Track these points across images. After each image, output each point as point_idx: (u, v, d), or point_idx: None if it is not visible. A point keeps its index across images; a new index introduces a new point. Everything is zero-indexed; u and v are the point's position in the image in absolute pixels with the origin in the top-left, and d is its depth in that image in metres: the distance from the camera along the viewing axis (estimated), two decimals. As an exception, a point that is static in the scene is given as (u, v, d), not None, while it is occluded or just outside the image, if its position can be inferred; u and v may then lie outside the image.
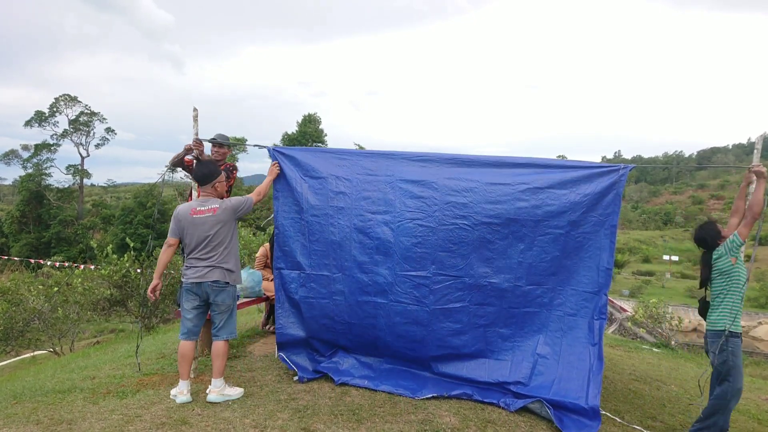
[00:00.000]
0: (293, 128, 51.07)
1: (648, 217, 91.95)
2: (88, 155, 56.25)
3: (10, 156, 54.01)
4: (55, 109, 53.62)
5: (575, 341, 4.17)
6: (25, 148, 53.38)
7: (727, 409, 3.69)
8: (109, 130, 57.46)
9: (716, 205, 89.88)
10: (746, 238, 3.80)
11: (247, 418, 3.65)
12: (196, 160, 4.58)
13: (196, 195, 4.64)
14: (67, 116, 54.23)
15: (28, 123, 52.83)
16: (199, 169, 4.21)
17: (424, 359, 4.51)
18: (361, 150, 5.60)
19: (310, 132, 49.70)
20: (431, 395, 4.22)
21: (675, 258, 56.15)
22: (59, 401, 4.01)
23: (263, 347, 5.68)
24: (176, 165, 4.69)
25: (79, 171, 54.83)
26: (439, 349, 4.44)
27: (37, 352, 12.14)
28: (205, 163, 4.30)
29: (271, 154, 4.77)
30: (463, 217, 4.32)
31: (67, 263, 20.30)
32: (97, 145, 57.06)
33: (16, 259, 35.09)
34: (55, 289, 11.78)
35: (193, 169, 4.48)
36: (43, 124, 53.10)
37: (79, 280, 11.40)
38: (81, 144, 55.69)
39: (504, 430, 3.75)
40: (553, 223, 4.19)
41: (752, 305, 40.63)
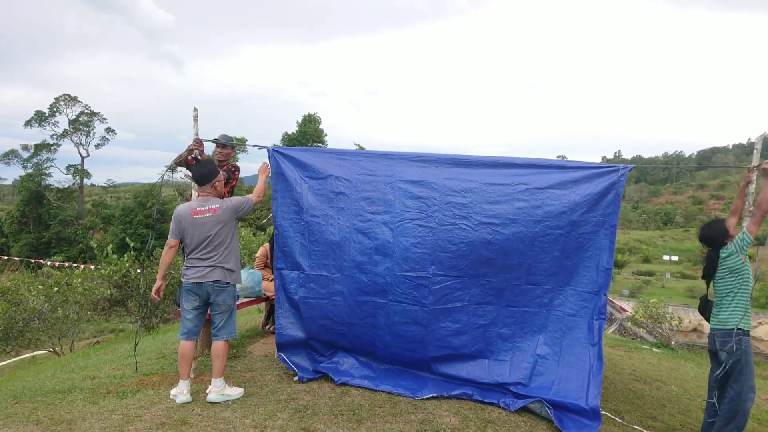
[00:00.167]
0: (293, 128, 51.15)
1: (648, 217, 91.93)
2: (88, 155, 56.34)
3: (10, 156, 54.07)
4: (55, 109, 53.65)
5: (575, 341, 4.17)
6: (25, 148, 53.43)
7: (744, 410, 3.60)
8: (109, 130, 57.56)
9: (716, 205, 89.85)
10: (755, 236, 3.79)
11: (247, 418, 3.65)
12: (195, 161, 4.57)
13: (196, 195, 4.63)
14: (67, 116, 54.31)
15: (28, 123, 52.87)
16: (198, 169, 4.20)
17: (424, 360, 4.50)
18: (361, 150, 5.61)
19: (310, 132, 49.71)
20: (431, 395, 4.23)
21: (675, 258, 56.15)
22: (59, 401, 4.01)
23: (263, 347, 5.68)
24: (179, 165, 4.69)
25: (79, 171, 54.85)
26: (438, 350, 4.44)
27: (37, 352, 12.13)
28: (204, 163, 4.28)
29: (270, 155, 4.77)
30: (462, 217, 4.32)
31: (67, 263, 20.31)
32: (97, 145, 57.16)
33: (16, 259, 35.08)
34: (55, 289, 11.79)
35: (192, 169, 4.48)
36: (43, 124, 53.13)
37: (79, 280, 11.41)
38: (81, 144, 55.76)
39: (504, 430, 3.75)
40: (553, 223, 4.19)
41: (752, 305, 40.50)
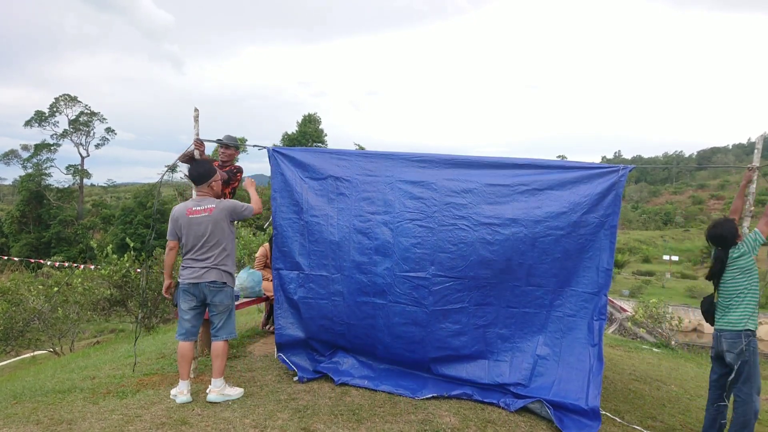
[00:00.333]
0: (293, 128, 51.09)
1: (648, 217, 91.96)
2: (88, 155, 56.34)
3: (10, 156, 54.09)
4: (55, 109, 53.65)
5: (575, 342, 4.16)
6: (25, 148, 53.44)
7: (755, 412, 3.62)
8: (109, 130, 57.56)
9: (716, 205, 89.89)
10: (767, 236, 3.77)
11: (247, 418, 3.65)
12: (192, 160, 4.56)
13: (195, 195, 4.63)
14: (67, 116, 54.31)
15: (28, 123, 52.86)
16: (194, 169, 4.16)
17: (424, 360, 4.50)
18: (361, 151, 5.60)
19: (310, 132, 49.69)
20: (431, 395, 4.23)
21: (675, 258, 56.19)
22: (59, 401, 4.01)
23: (263, 347, 5.68)
24: (186, 162, 4.66)
25: (79, 171, 54.85)
26: (438, 351, 4.43)
27: (37, 352, 12.14)
28: (201, 163, 4.25)
29: (270, 155, 4.77)
30: (462, 218, 4.32)
31: (67, 263, 20.32)
32: (97, 145, 57.17)
33: (16, 259, 35.09)
34: (55, 289, 11.79)
35: (189, 169, 4.47)
36: (43, 124, 53.13)
37: (79, 280, 11.41)
38: (81, 144, 55.77)
39: (504, 430, 3.75)
40: (553, 224, 4.18)
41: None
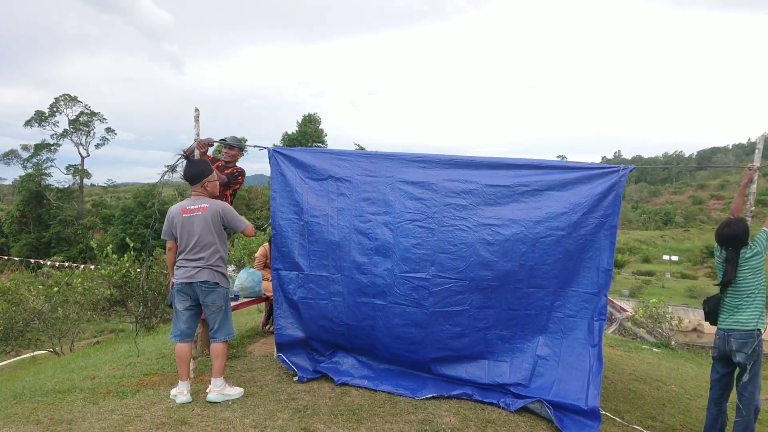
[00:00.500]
0: (293, 128, 51.11)
1: (648, 217, 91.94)
2: (88, 155, 56.36)
3: (10, 156, 54.10)
4: (55, 109, 53.66)
5: (575, 342, 4.16)
6: (25, 148, 53.45)
7: (758, 409, 3.66)
8: (109, 130, 57.59)
9: (716, 205, 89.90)
10: None
11: (247, 418, 3.65)
12: (187, 159, 4.54)
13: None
14: (67, 116, 54.33)
15: (28, 123, 52.88)
16: (188, 169, 4.13)
17: (424, 361, 4.50)
18: (361, 151, 5.60)
19: (310, 132, 49.69)
20: (431, 395, 4.23)
21: (675, 258, 56.18)
22: (59, 401, 4.01)
23: (263, 347, 5.69)
24: (185, 158, 4.64)
25: (79, 171, 54.86)
26: (438, 351, 4.43)
27: (37, 352, 12.14)
28: (195, 163, 4.22)
29: (270, 155, 4.77)
30: (462, 218, 4.32)
31: (67, 263, 20.32)
32: (97, 145, 57.19)
33: (16, 259, 35.10)
34: (55, 289, 11.79)
35: (184, 168, 4.44)
36: (43, 124, 53.15)
37: (79, 280, 11.41)
38: (81, 144, 55.78)
39: (504, 430, 3.75)
40: (554, 224, 4.18)
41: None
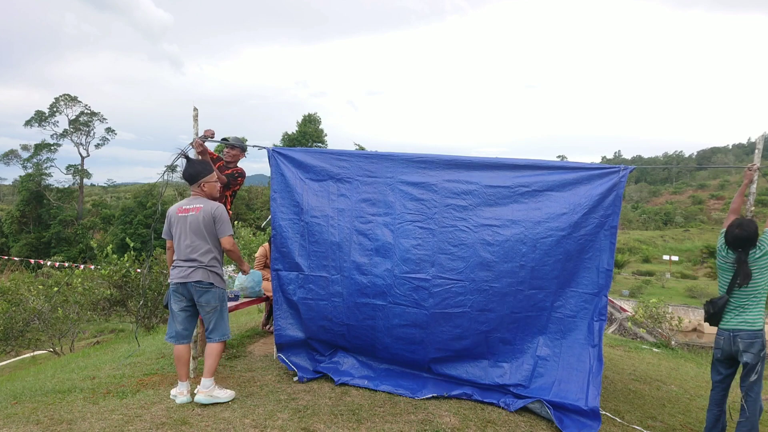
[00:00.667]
0: (293, 128, 51.12)
1: (648, 217, 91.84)
2: (88, 155, 56.40)
3: (10, 156, 54.11)
4: (55, 109, 53.69)
5: (575, 343, 4.16)
6: (25, 148, 53.47)
7: (761, 407, 3.67)
8: (109, 130, 57.68)
9: (716, 205, 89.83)
10: None
11: (247, 418, 3.65)
12: (186, 159, 4.54)
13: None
14: (67, 116, 54.38)
15: (28, 123, 52.91)
16: (187, 169, 4.12)
17: (424, 361, 4.50)
18: (362, 151, 5.59)
19: (310, 132, 49.70)
20: (431, 395, 4.23)
21: (675, 258, 56.13)
22: (59, 401, 4.00)
23: (263, 347, 5.69)
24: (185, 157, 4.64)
25: (79, 171, 54.90)
26: (438, 352, 4.43)
27: (37, 352, 12.13)
28: (194, 163, 4.20)
29: (270, 155, 4.77)
30: (462, 219, 4.32)
31: (67, 263, 20.33)
32: (97, 145, 57.26)
33: (16, 259, 35.10)
34: (55, 289, 11.80)
35: (183, 169, 4.43)
36: (43, 124, 53.19)
37: (79, 280, 11.42)
38: (81, 144, 55.83)
39: (504, 430, 3.75)
40: (554, 224, 4.18)
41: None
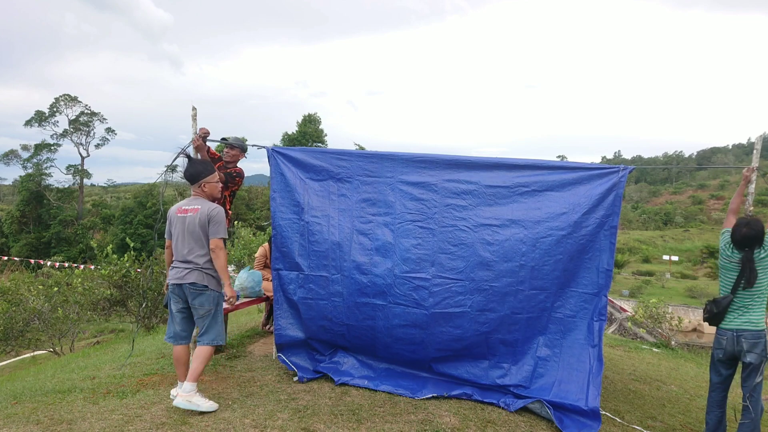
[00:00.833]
0: (293, 128, 51.12)
1: (648, 217, 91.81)
2: (88, 155, 56.42)
3: (10, 156, 54.14)
4: (55, 109, 53.71)
5: (575, 343, 4.16)
6: (25, 148, 53.50)
7: (762, 408, 3.67)
8: (109, 130, 57.71)
9: (716, 205, 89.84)
10: None
11: (247, 418, 3.65)
12: (187, 158, 4.54)
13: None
14: (67, 116, 54.40)
15: (28, 123, 52.93)
16: (188, 168, 4.08)
17: (424, 361, 4.50)
18: (362, 151, 5.59)
19: (310, 132, 49.70)
20: (431, 395, 4.23)
21: (675, 258, 56.12)
22: (59, 401, 4.00)
23: (263, 347, 5.69)
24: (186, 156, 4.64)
25: (79, 171, 54.92)
26: (438, 352, 4.43)
27: (37, 352, 12.13)
28: (195, 162, 4.16)
29: (270, 154, 4.77)
30: (462, 218, 4.32)
31: (67, 263, 20.32)
32: (97, 145, 57.29)
33: (16, 259, 35.09)
34: (55, 289, 11.80)
35: (184, 168, 4.42)
36: (43, 124, 53.21)
37: (79, 280, 11.42)
38: (81, 144, 55.84)
39: (504, 430, 3.75)
40: (554, 224, 4.18)
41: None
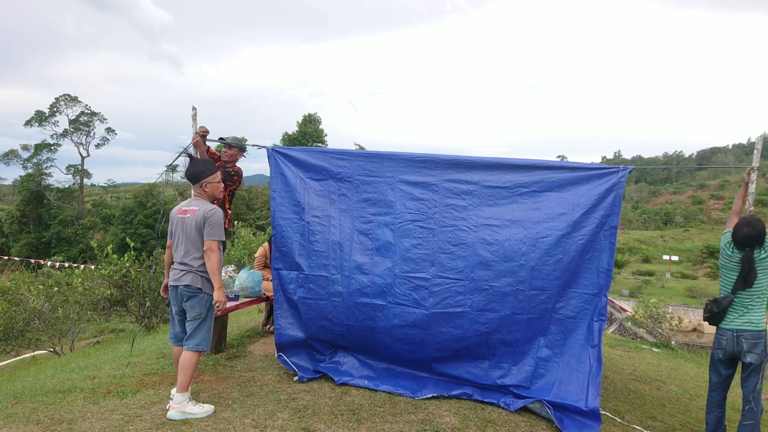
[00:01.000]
0: (293, 128, 51.15)
1: (648, 217, 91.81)
2: (88, 155, 56.44)
3: (10, 156, 54.16)
4: (55, 109, 53.73)
5: (575, 343, 4.16)
6: (25, 148, 53.51)
7: (762, 408, 3.65)
8: (110, 130, 57.74)
9: (716, 205, 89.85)
10: None
11: (247, 418, 3.65)
12: (189, 158, 4.53)
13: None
14: (68, 116, 54.43)
15: (28, 123, 52.94)
16: (189, 168, 4.04)
17: (424, 361, 4.50)
18: (362, 151, 5.58)
19: (310, 132, 49.72)
20: (431, 395, 4.23)
21: (675, 258, 56.13)
22: (59, 401, 4.00)
23: (263, 347, 5.69)
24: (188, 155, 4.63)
25: (80, 171, 54.94)
26: (438, 352, 4.43)
27: (37, 352, 12.12)
28: (196, 162, 4.11)
29: (270, 154, 4.76)
30: (462, 218, 4.32)
31: (67, 263, 20.31)
32: (98, 145, 57.30)
33: (16, 259, 35.10)
34: (55, 289, 11.78)
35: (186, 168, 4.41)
36: (43, 124, 53.23)
37: (79, 280, 11.40)
38: (81, 144, 55.87)
39: (504, 430, 3.75)
40: (553, 224, 4.18)
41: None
